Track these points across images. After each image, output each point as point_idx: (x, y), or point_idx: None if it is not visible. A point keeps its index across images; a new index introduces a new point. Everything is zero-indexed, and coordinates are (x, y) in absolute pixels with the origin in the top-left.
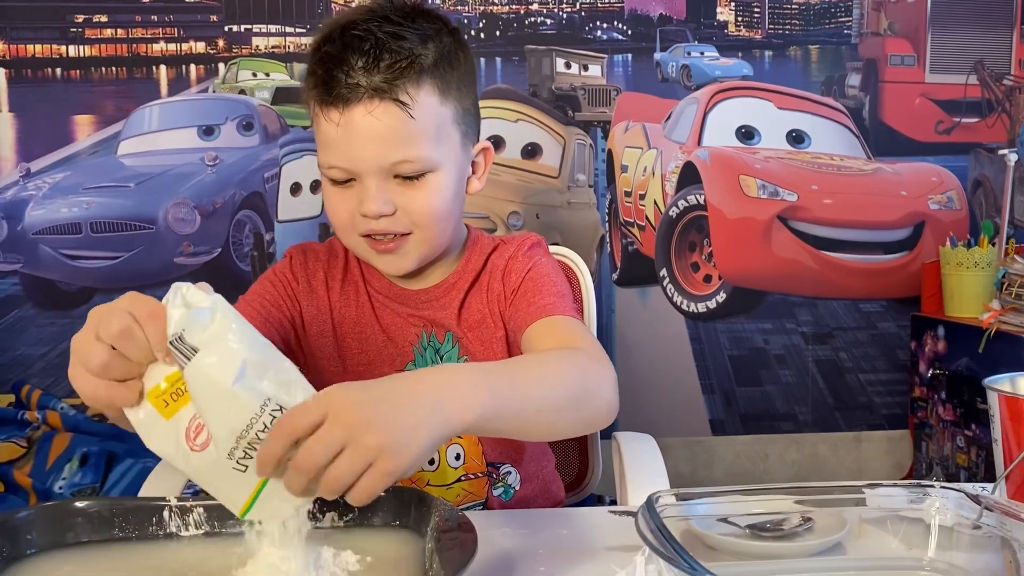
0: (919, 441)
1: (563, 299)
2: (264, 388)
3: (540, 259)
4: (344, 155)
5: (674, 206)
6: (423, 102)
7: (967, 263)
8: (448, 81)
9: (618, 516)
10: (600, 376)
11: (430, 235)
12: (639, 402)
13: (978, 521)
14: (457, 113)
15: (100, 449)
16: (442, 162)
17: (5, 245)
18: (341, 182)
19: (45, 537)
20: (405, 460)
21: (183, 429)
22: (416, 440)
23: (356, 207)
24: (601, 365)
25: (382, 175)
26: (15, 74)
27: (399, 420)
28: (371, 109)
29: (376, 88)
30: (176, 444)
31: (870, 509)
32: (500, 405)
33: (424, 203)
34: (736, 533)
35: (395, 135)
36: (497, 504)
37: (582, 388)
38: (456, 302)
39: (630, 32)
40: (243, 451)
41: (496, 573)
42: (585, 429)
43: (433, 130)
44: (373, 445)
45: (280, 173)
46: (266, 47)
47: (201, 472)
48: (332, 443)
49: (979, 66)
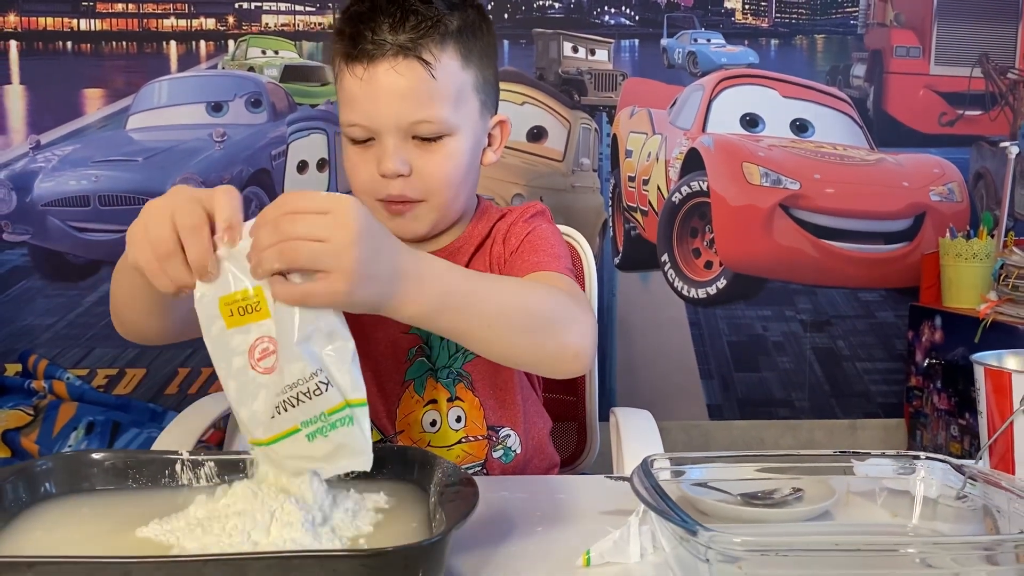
0: (914, 430)
1: (557, 259)
2: (322, 357)
3: (541, 224)
4: (365, 112)
5: (677, 192)
6: (446, 64)
7: (966, 254)
8: (471, 48)
9: (614, 482)
10: (572, 316)
11: (442, 201)
12: (638, 385)
13: (962, 491)
14: (477, 81)
15: (105, 419)
16: (460, 127)
17: (14, 216)
18: (361, 141)
19: (63, 485)
20: (347, 297)
21: (248, 344)
22: (367, 292)
23: (375, 168)
24: (578, 308)
25: (400, 134)
26: (27, 47)
27: (371, 268)
28: (395, 65)
29: (401, 46)
30: (234, 354)
31: (858, 479)
32: (450, 306)
33: (439, 167)
34: (728, 500)
35: (416, 93)
36: (497, 466)
37: (546, 319)
38: (461, 265)
39: (637, 18)
40: (286, 398)
41: (495, 533)
42: (544, 363)
43: (453, 93)
44: (343, 264)
45: (287, 151)
46: (276, 25)
47: (248, 387)
48: (320, 229)
49: (983, 59)
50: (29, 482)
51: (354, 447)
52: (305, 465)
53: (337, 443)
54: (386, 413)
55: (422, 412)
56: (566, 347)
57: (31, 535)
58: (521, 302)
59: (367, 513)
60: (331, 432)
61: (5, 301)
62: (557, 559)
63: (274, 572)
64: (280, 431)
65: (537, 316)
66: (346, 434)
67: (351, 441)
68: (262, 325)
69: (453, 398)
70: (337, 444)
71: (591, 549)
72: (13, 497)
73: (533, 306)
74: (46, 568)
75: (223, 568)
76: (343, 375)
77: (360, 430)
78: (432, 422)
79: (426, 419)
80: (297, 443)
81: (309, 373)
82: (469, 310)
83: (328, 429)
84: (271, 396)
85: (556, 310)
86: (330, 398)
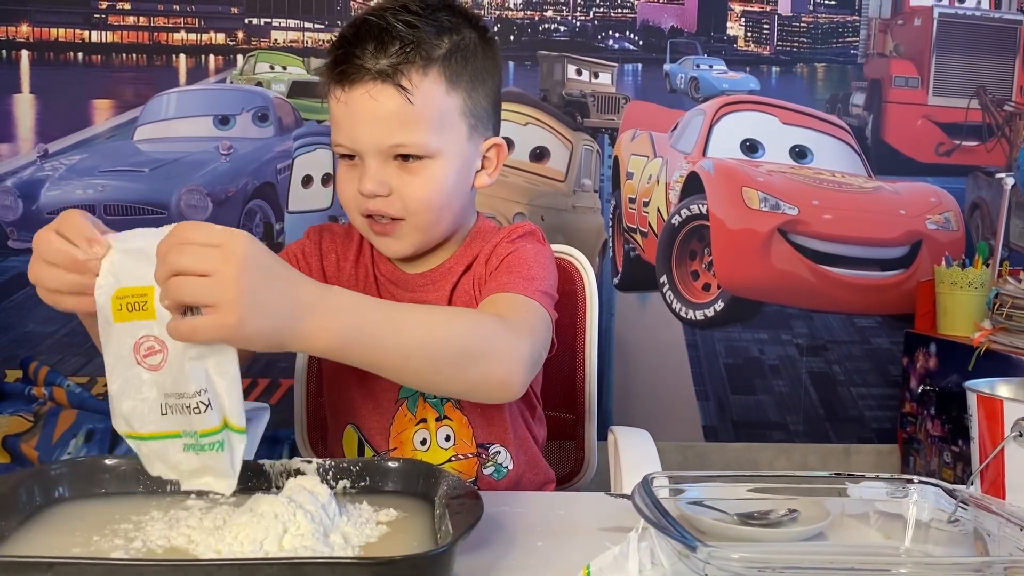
0: (907, 456)
1: (528, 281)
2: (211, 377)
3: (525, 245)
4: (347, 133)
5: (677, 214)
6: (427, 90)
7: (961, 283)
8: (459, 74)
9: (613, 499)
10: (502, 346)
11: (422, 223)
12: (634, 404)
13: (953, 515)
14: (466, 106)
15: (105, 426)
16: (442, 150)
17: (20, 223)
18: (348, 158)
19: (75, 489)
20: (237, 331)
21: (134, 341)
22: (257, 325)
23: (358, 185)
24: (512, 336)
25: (381, 156)
26: (38, 56)
27: (262, 301)
28: (372, 91)
29: (380, 71)
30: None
31: (852, 501)
32: (362, 339)
33: (419, 189)
34: (725, 519)
35: (393, 118)
36: (489, 483)
37: (466, 349)
38: (449, 286)
39: (641, 42)
40: (171, 403)
41: (497, 547)
42: (469, 393)
43: (436, 118)
44: (229, 297)
45: (292, 165)
46: (284, 41)
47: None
48: (206, 262)
49: (981, 91)
50: (43, 486)
51: (220, 471)
52: (168, 473)
53: (204, 463)
54: (380, 430)
55: (414, 430)
56: (489, 377)
57: (46, 537)
58: (440, 333)
59: (374, 524)
60: (201, 452)
61: (8, 307)
62: (558, 573)
63: None
64: (163, 431)
65: (457, 347)
66: (214, 458)
67: (217, 465)
68: (148, 325)
69: (441, 417)
70: (204, 464)
71: (591, 564)
72: (27, 500)
73: (453, 337)
74: (66, 569)
75: (236, 572)
76: (230, 399)
77: (229, 458)
78: (422, 440)
79: (417, 438)
80: (172, 448)
81: (193, 391)
82: (384, 342)
83: (199, 448)
84: (158, 394)
85: (478, 340)
86: (208, 419)
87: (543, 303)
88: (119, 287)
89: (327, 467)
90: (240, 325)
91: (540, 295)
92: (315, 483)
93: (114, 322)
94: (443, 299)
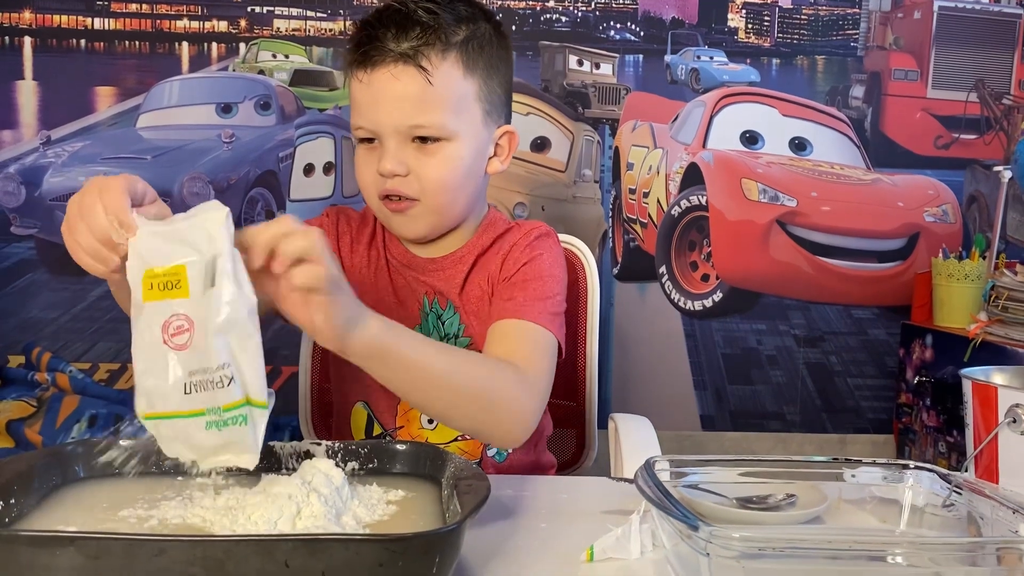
0: (902, 446)
1: (542, 302)
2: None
3: (541, 253)
4: (367, 115)
5: (676, 205)
6: (445, 72)
7: (958, 275)
8: (475, 60)
9: (616, 483)
10: (516, 399)
11: (437, 204)
12: (633, 393)
13: (948, 500)
14: (481, 91)
15: (108, 412)
16: (459, 133)
17: (23, 210)
18: (367, 142)
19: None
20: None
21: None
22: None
23: (377, 167)
24: (527, 392)
25: (400, 136)
26: (40, 43)
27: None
28: (394, 72)
29: (402, 53)
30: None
31: (849, 486)
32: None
33: (436, 170)
34: (724, 503)
35: (413, 98)
36: (491, 464)
37: (488, 395)
38: (460, 276)
39: (642, 33)
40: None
41: (502, 529)
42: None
43: (453, 101)
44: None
45: (294, 153)
46: (287, 29)
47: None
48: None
49: (980, 84)
50: (61, 465)
51: (242, 446)
52: (187, 453)
53: (226, 440)
54: (388, 407)
55: None
56: (499, 426)
57: (65, 513)
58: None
59: (384, 504)
60: (223, 428)
61: (11, 293)
62: (561, 553)
63: (301, 553)
64: (186, 409)
65: (476, 389)
66: (238, 432)
67: (240, 440)
68: (180, 303)
69: None
70: (227, 440)
71: (594, 545)
72: (44, 479)
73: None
74: (87, 543)
75: (253, 548)
76: (252, 374)
77: (252, 431)
78: (430, 419)
79: (424, 416)
80: (193, 427)
81: (216, 364)
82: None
83: (222, 424)
84: (183, 373)
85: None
86: (231, 393)
87: (554, 329)
88: (147, 268)
89: (336, 449)
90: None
91: (552, 318)
92: (329, 466)
93: (143, 301)
94: (455, 287)
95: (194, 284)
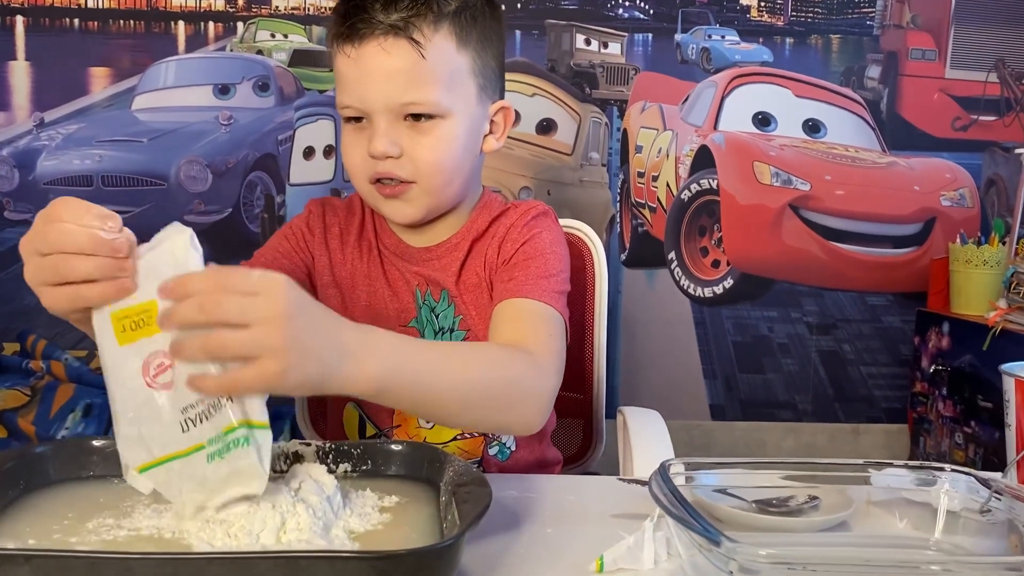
0: (917, 436)
1: (546, 280)
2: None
3: (540, 232)
4: (356, 92)
5: (686, 189)
6: (438, 45)
7: (976, 261)
8: (468, 31)
9: (626, 484)
10: (532, 389)
11: (433, 185)
12: (641, 383)
13: (986, 505)
14: (475, 65)
15: (103, 401)
16: (453, 110)
17: (16, 194)
18: (355, 121)
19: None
20: (281, 381)
21: (142, 361)
22: (304, 373)
23: (367, 148)
24: (541, 378)
25: (391, 115)
26: (33, 22)
27: (308, 347)
28: (384, 45)
29: (392, 25)
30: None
31: (877, 489)
32: (401, 383)
33: (430, 150)
34: (743, 507)
35: (406, 74)
36: (493, 463)
37: (502, 394)
38: (456, 263)
39: (652, 12)
40: (192, 415)
41: (505, 534)
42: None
43: (446, 75)
44: (275, 346)
45: (294, 136)
46: (286, 8)
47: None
48: (248, 313)
49: (1000, 64)
50: (29, 468)
51: (248, 471)
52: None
53: (232, 467)
54: (382, 407)
55: None
56: (516, 420)
57: (29, 524)
58: (475, 377)
59: (377, 511)
60: (227, 454)
61: (5, 280)
62: (569, 563)
63: (282, 572)
64: (185, 447)
65: (489, 391)
66: (242, 456)
67: (246, 463)
68: (155, 340)
69: None
70: (232, 468)
71: (604, 555)
72: (12, 483)
73: (487, 381)
74: (44, 562)
75: (229, 567)
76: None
77: (256, 452)
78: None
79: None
80: (196, 461)
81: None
82: (421, 385)
83: (224, 451)
84: (175, 411)
85: (510, 386)
86: (227, 415)
87: (559, 307)
88: (113, 310)
89: (327, 450)
90: (284, 375)
91: (556, 296)
92: (321, 472)
93: (120, 345)
94: (451, 275)
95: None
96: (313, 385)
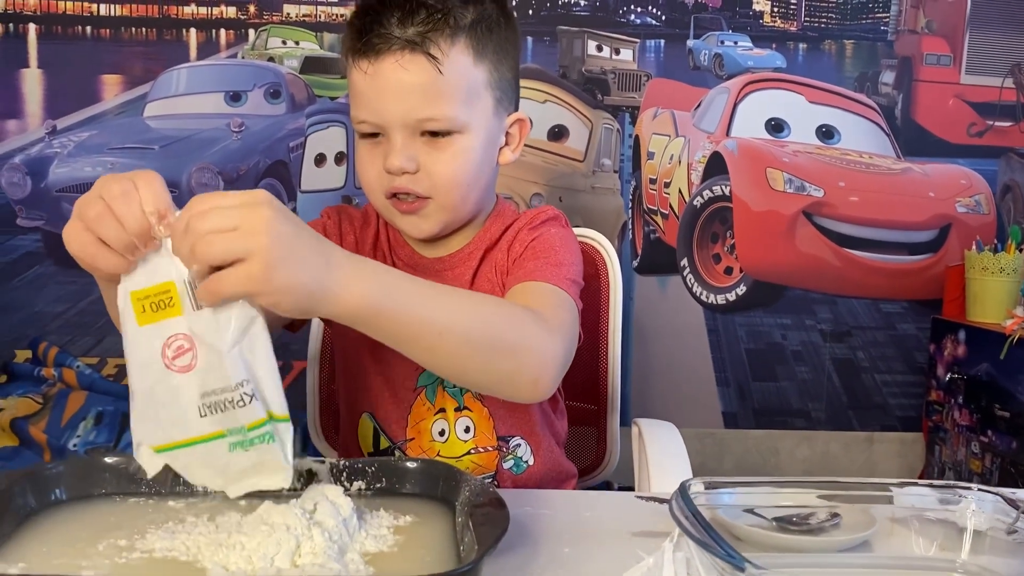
0: (932, 445)
1: (556, 268)
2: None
3: (549, 231)
4: (372, 108)
5: (699, 196)
6: (455, 59)
7: (992, 268)
8: (484, 44)
9: (644, 502)
10: (537, 341)
11: (450, 201)
12: (653, 391)
13: (1014, 526)
14: (492, 78)
15: (115, 409)
16: (470, 124)
17: (28, 201)
18: (370, 136)
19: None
20: (266, 282)
21: (161, 342)
22: (290, 274)
23: (383, 164)
24: (547, 333)
25: (408, 131)
26: (45, 30)
27: (293, 248)
28: (401, 61)
29: (408, 40)
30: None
31: (900, 508)
32: (395, 307)
33: (447, 166)
34: (763, 525)
35: (423, 90)
36: (508, 477)
37: (505, 338)
38: (469, 272)
39: (664, 18)
40: (210, 402)
41: (520, 553)
42: (499, 387)
43: (464, 90)
44: (259, 244)
45: (305, 143)
46: (297, 15)
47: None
48: (232, 219)
49: (1016, 69)
50: (38, 487)
51: (273, 465)
52: (214, 478)
53: (255, 460)
54: (397, 419)
55: (432, 420)
56: (522, 372)
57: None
58: (476, 315)
59: (392, 532)
60: (250, 448)
61: (17, 287)
62: None
63: None
64: (204, 433)
65: (492, 334)
66: (266, 451)
67: (271, 458)
68: (176, 322)
69: (461, 407)
70: (255, 461)
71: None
72: (22, 502)
73: (489, 323)
74: None
75: None
76: (270, 388)
77: (281, 448)
78: (441, 431)
79: (435, 428)
80: (217, 449)
81: (235, 383)
82: (418, 313)
83: (247, 444)
84: (193, 396)
85: (514, 331)
86: (253, 411)
87: (571, 293)
88: (133, 289)
89: (341, 467)
90: (268, 274)
91: (568, 283)
92: (337, 493)
93: (139, 325)
94: (464, 285)
95: (184, 299)
96: (297, 294)
